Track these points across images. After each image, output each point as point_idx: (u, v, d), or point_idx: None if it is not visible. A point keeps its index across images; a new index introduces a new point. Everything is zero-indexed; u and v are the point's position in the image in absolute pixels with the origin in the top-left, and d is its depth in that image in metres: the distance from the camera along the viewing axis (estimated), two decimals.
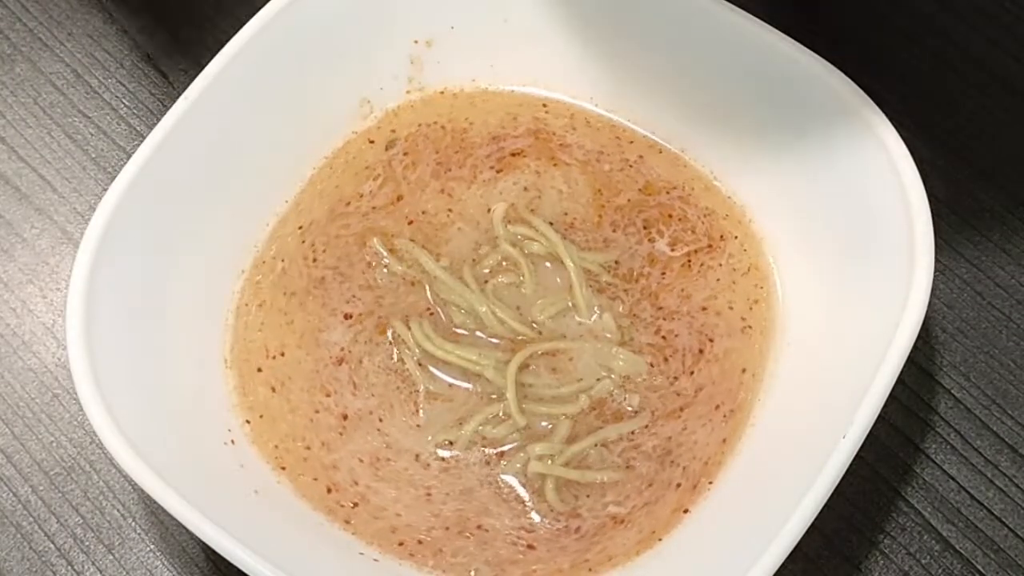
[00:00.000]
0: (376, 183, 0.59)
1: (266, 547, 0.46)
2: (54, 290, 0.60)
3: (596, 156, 0.60)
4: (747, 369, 0.54)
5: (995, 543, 0.53)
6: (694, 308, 0.56)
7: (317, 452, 0.53)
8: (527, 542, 0.51)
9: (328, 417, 0.54)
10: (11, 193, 0.63)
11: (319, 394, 0.54)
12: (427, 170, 0.60)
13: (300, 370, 0.55)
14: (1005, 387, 0.56)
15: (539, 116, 0.61)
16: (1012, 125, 0.63)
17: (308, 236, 0.58)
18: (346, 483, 0.52)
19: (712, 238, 0.57)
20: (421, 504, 0.52)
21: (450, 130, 0.61)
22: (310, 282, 0.57)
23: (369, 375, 0.55)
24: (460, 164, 0.60)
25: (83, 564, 0.54)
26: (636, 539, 0.51)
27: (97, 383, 0.49)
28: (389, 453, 0.53)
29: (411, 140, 0.61)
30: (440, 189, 0.59)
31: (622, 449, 0.53)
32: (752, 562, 0.45)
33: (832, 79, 0.54)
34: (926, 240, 0.50)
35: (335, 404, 0.54)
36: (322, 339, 0.56)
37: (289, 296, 0.56)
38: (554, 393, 0.54)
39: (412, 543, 0.51)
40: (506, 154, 0.60)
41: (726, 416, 0.53)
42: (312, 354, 0.55)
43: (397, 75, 0.61)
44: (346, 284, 0.57)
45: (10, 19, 0.68)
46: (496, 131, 0.61)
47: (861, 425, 0.47)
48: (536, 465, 0.52)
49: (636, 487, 0.52)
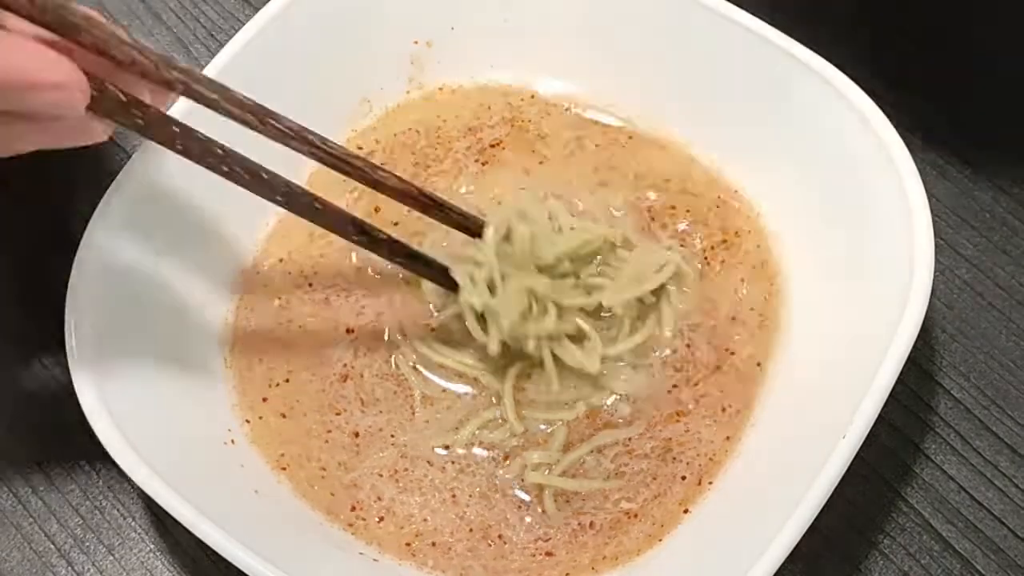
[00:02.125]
0: (352, 196, 0.59)
1: (266, 547, 0.46)
2: (54, 290, 0.60)
3: (596, 153, 0.60)
4: (761, 364, 0.54)
5: (995, 543, 0.53)
6: (719, 318, 0.56)
7: (335, 472, 0.53)
8: (545, 550, 0.51)
9: (341, 436, 0.54)
10: (11, 193, 0.63)
11: (330, 413, 0.54)
12: (405, 174, 0.59)
13: (307, 391, 0.55)
14: (1005, 387, 0.56)
15: (526, 112, 0.61)
16: (1012, 125, 0.63)
17: (294, 266, 0.57)
18: (370, 500, 0.52)
19: (726, 232, 0.57)
20: (447, 507, 0.52)
21: (423, 132, 0.61)
22: (314, 306, 0.57)
23: (375, 389, 0.54)
24: (440, 159, 0.60)
25: (83, 564, 0.54)
26: (647, 533, 0.51)
27: (97, 383, 0.49)
28: (405, 463, 0.53)
29: (388, 150, 0.60)
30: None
31: (615, 454, 0.53)
32: (752, 562, 0.45)
33: (832, 78, 0.54)
34: (926, 240, 0.50)
35: (346, 423, 0.54)
36: (326, 356, 0.55)
37: (289, 324, 0.56)
38: (551, 399, 0.54)
39: (421, 545, 0.51)
40: (485, 146, 0.60)
41: (732, 416, 0.53)
42: (318, 373, 0.55)
43: (398, 75, 0.61)
44: (352, 297, 0.57)
45: None
46: (470, 122, 0.60)
47: (861, 425, 0.47)
48: (534, 476, 0.52)
49: (642, 480, 0.52)
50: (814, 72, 0.55)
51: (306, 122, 0.59)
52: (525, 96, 0.61)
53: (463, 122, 0.61)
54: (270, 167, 0.58)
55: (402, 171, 0.58)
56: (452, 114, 0.61)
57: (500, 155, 0.60)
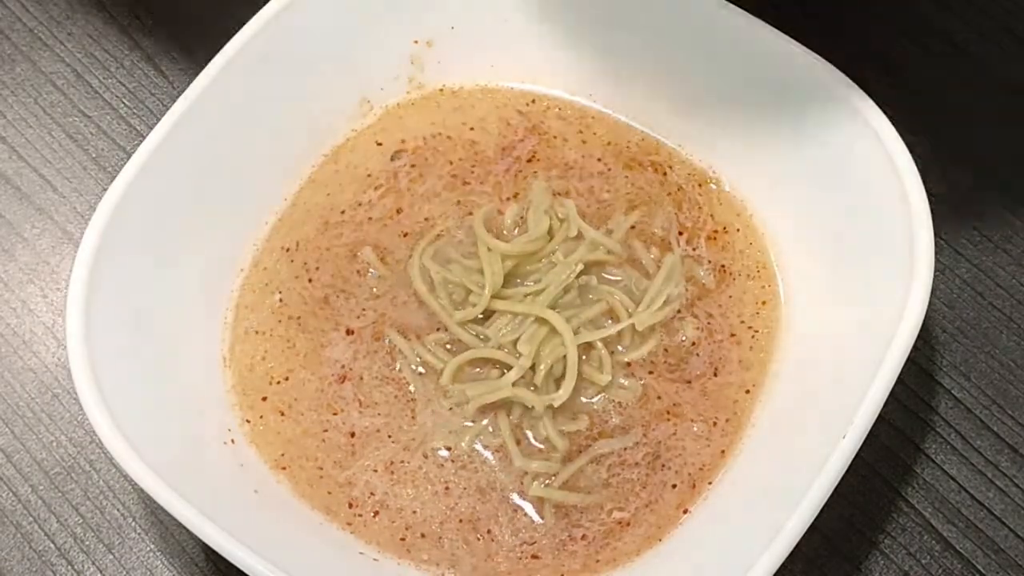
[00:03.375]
0: (376, 193, 0.59)
1: (266, 547, 0.46)
2: (54, 290, 0.60)
3: (598, 153, 0.60)
4: (761, 365, 0.54)
5: (995, 543, 0.53)
6: (718, 318, 0.55)
7: (331, 471, 0.53)
8: (532, 552, 0.51)
9: (338, 436, 0.54)
10: (11, 193, 0.63)
11: (327, 413, 0.54)
12: (439, 183, 0.59)
13: (305, 391, 0.55)
14: (1005, 387, 0.56)
15: (539, 116, 0.61)
16: (1012, 125, 0.63)
17: (299, 256, 0.57)
18: (364, 496, 0.52)
19: (725, 231, 0.57)
20: (439, 498, 0.52)
21: (458, 141, 0.60)
22: (313, 304, 0.57)
23: (372, 392, 0.54)
24: (481, 180, 0.59)
25: (83, 564, 0.54)
26: (644, 535, 0.51)
27: (97, 383, 0.49)
28: (402, 458, 0.53)
29: (418, 152, 0.60)
30: (456, 202, 0.59)
31: (610, 464, 0.53)
32: (752, 562, 0.45)
33: (832, 78, 0.54)
34: (926, 240, 0.50)
35: (343, 423, 0.54)
36: (324, 356, 0.55)
37: (289, 321, 0.56)
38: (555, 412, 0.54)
39: (413, 538, 0.51)
40: (522, 163, 0.60)
41: (731, 416, 0.53)
42: (316, 373, 0.55)
43: (398, 75, 0.61)
44: (352, 299, 0.57)
45: (10, 19, 0.68)
46: (500, 140, 0.60)
47: (861, 425, 0.47)
48: (536, 488, 0.52)
49: (632, 489, 0.52)
50: (814, 72, 0.55)
51: (306, 121, 0.59)
52: (529, 99, 0.61)
53: (493, 140, 0.60)
54: (270, 166, 0.58)
55: (436, 178, 0.59)
56: (475, 119, 0.61)
57: (534, 167, 0.60)
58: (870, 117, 0.53)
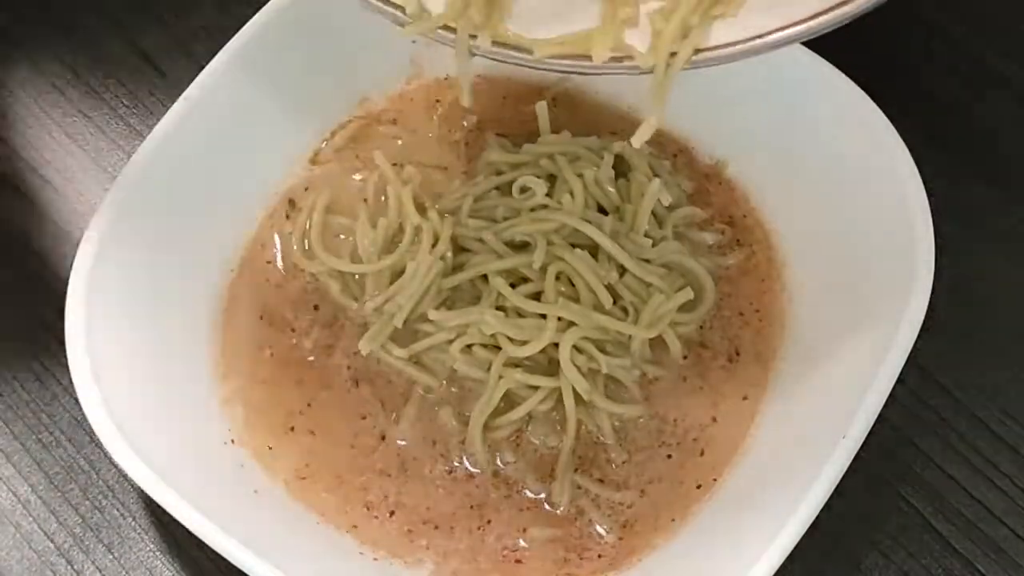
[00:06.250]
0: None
1: (266, 547, 0.46)
2: (54, 290, 0.60)
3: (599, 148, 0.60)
4: (761, 365, 0.54)
5: (995, 543, 0.53)
6: (718, 318, 0.56)
7: (329, 470, 0.53)
8: (516, 557, 0.51)
9: (342, 437, 0.54)
10: (11, 193, 0.63)
11: (326, 413, 0.54)
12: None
13: (304, 390, 0.54)
14: (1005, 387, 0.56)
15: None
16: (1012, 126, 0.63)
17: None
18: (378, 499, 0.52)
19: (724, 231, 0.57)
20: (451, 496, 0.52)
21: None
22: (309, 295, 0.57)
23: (370, 392, 0.54)
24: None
25: (83, 564, 0.54)
26: (649, 532, 0.51)
27: (97, 383, 0.49)
28: (406, 457, 0.53)
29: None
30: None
31: (609, 469, 0.53)
32: (752, 562, 0.45)
33: (832, 79, 0.54)
34: (926, 240, 0.50)
35: (347, 426, 0.54)
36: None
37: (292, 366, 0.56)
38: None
39: (417, 524, 0.51)
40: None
41: (731, 416, 0.53)
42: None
43: (398, 74, 0.61)
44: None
45: (10, 19, 0.68)
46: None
47: (861, 425, 0.47)
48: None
49: (633, 494, 0.52)
50: (815, 73, 0.55)
51: (305, 122, 0.59)
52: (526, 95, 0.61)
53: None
54: (269, 166, 0.58)
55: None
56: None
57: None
58: (870, 117, 0.53)
